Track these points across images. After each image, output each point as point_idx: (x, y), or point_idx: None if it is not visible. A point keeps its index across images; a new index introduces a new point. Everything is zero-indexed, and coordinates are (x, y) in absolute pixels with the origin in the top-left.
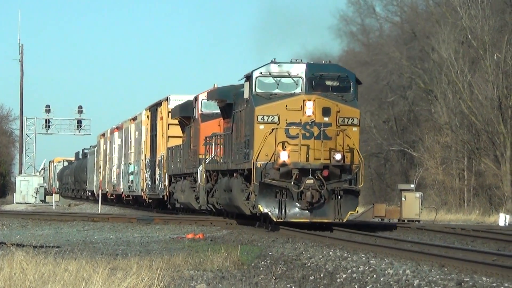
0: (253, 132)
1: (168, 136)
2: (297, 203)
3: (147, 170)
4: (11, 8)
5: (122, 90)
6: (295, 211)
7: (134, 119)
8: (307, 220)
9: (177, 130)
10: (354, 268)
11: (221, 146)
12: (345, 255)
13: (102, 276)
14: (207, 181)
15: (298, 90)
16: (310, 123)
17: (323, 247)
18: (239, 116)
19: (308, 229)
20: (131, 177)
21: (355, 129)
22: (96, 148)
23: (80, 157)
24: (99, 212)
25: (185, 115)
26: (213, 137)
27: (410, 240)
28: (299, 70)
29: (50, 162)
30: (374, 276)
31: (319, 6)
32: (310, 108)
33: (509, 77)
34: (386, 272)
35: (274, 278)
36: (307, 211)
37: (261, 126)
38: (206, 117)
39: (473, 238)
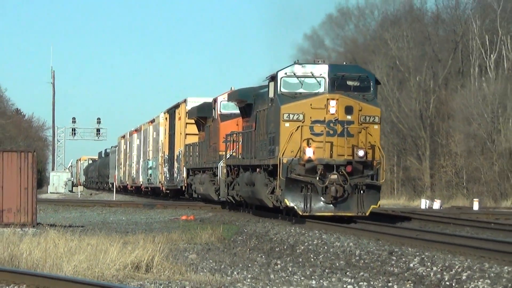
0: (278, 130)
1: (186, 134)
2: (321, 198)
3: (166, 164)
4: (45, 42)
5: (138, 97)
6: (320, 205)
7: (152, 121)
8: (332, 214)
9: (193, 129)
10: (310, 242)
11: (242, 143)
12: (303, 231)
13: (117, 248)
14: (227, 175)
15: (321, 90)
16: (333, 121)
17: (286, 225)
18: (262, 115)
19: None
20: (150, 171)
21: (376, 126)
22: (117, 148)
23: (103, 156)
24: (114, 199)
25: (202, 115)
26: (234, 135)
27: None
28: (322, 70)
29: (77, 160)
30: (325, 247)
31: (282, 39)
32: (333, 106)
33: (428, 94)
34: (334, 244)
35: (248, 249)
36: (331, 205)
37: (287, 124)
38: (225, 117)
39: (401, 218)
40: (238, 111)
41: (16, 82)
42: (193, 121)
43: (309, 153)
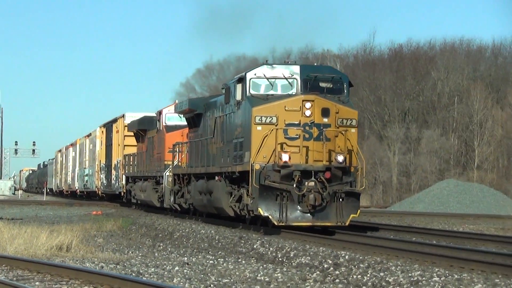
0: (249, 134)
1: (125, 145)
2: (298, 206)
3: (102, 172)
4: None
5: (76, 115)
6: (296, 214)
7: (89, 135)
8: (310, 224)
9: (132, 141)
10: (183, 230)
11: (192, 152)
12: (179, 222)
13: (46, 235)
14: (175, 183)
15: (293, 91)
16: (309, 124)
17: (167, 219)
18: (219, 121)
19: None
20: (86, 178)
21: (353, 130)
22: (54, 160)
23: (42, 167)
24: (44, 199)
25: (143, 128)
26: (181, 145)
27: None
28: (293, 71)
29: (20, 171)
30: (194, 234)
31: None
32: (309, 109)
33: None
34: (200, 232)
35: (140, 235)
36: (309, 214)
37: (259, 127)
38: (170, 128)
39: None
40: (182, 123)
41: None
42: (131, 133)
43: (285, 158)
